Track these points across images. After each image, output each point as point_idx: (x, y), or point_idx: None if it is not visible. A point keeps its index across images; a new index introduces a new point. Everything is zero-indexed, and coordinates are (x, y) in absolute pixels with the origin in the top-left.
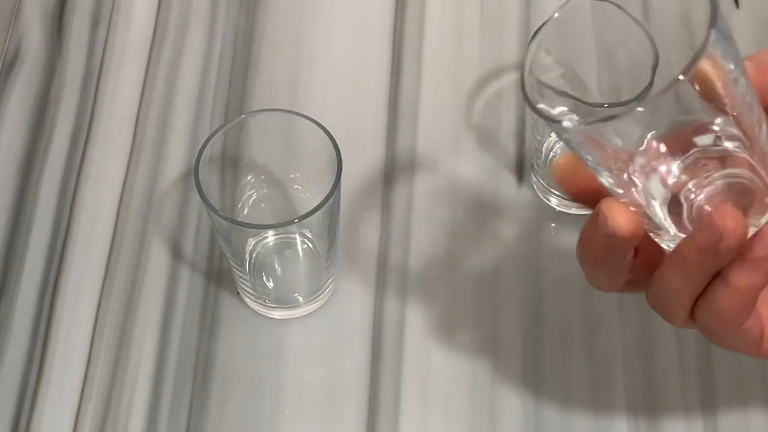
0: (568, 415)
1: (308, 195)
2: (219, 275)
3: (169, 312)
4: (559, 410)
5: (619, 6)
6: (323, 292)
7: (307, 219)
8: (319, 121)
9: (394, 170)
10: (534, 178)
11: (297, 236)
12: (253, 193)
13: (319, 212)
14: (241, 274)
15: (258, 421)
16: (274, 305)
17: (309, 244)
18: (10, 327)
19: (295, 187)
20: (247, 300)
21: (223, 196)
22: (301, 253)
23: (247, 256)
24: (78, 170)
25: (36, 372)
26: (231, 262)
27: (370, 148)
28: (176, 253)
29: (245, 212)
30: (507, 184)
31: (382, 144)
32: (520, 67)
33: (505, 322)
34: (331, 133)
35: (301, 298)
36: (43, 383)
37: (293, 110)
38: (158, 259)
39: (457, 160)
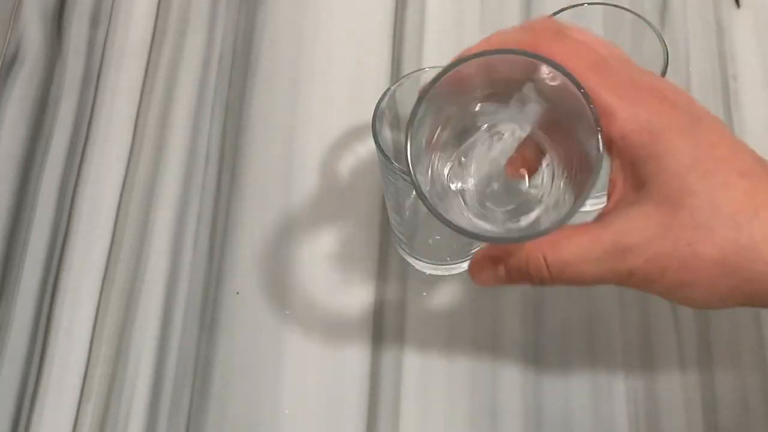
0: (568, 415)
1: None
2: (219, 275)
3: (169, 312)
4: (559, 410)
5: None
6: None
7: None
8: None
9: None
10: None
11: None
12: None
13: None
14: (399, 227)
15: (258, 421)
16: (426, 261)
17: None
18: (10, 327)
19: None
20: (402, 253)
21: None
22: None
23: (406, 211)
24: (78, 170)
25: (36, 372)
26: (391, 215)
27: (370, 148)
28: (176, 253)
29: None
30: None
31: None
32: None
33: (505, 322)
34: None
35: (449, 258)
36: (43, 383)
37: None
38: (158, 259)
39: None
